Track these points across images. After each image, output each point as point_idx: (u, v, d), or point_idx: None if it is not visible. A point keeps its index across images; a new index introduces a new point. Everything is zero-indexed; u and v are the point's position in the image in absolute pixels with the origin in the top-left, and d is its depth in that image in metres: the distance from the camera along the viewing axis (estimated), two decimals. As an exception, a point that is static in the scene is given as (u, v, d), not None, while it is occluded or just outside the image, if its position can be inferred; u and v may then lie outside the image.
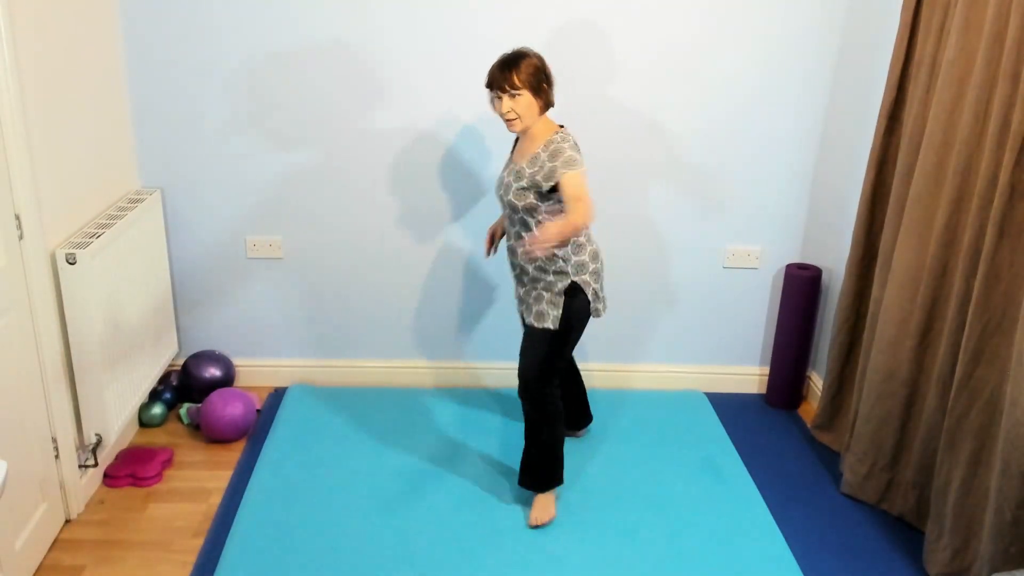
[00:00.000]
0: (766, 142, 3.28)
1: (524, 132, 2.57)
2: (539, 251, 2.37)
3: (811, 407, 3.52)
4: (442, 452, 3.10)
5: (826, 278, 3.42)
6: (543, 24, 3.09)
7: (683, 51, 3.15)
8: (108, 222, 2.83)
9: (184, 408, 3.27)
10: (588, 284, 2.64)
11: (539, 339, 2.66)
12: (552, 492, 2.80)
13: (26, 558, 2.43)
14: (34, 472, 2.49)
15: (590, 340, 3.54)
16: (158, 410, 3.23)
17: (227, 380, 3.39)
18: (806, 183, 3.35)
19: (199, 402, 3.29)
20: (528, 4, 3.07)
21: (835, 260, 3.35)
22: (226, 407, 3.10)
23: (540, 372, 2.67)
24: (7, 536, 2.32)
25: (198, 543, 2.63)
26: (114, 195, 3.04)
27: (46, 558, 2.54)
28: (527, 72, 2.45)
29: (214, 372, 3.35)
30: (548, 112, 2.58)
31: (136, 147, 3.20)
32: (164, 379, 3.38)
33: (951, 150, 2.52)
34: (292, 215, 3.33)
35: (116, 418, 2.85)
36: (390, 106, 3.18)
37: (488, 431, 3.24)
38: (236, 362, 3.51)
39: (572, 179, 2.46)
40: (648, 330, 3.55)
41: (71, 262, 2.58)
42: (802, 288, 3.33)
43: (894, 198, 2.78)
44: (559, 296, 2.62)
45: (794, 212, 3.39)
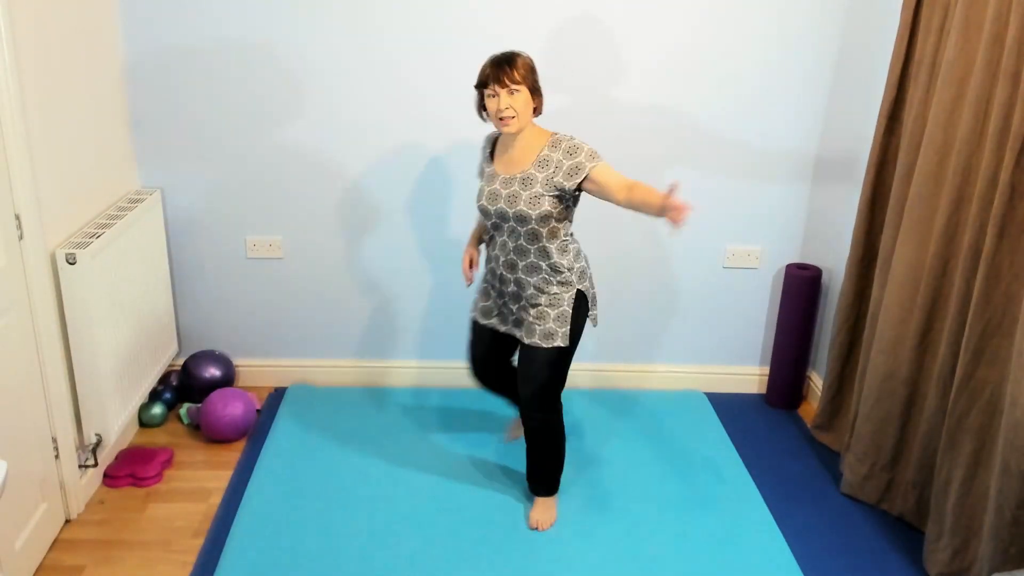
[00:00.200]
0: (766, 142, 3.28)
1: (515, 136, 2.46)
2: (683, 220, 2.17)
3: (811, 407, 3.52)
4: (442, 452, 3.10)
5: (826, 278, 3.42)
6: (543, 24, 3.09)
7: (683, 51, 3.15)
8: (108, 222, 2.83)
9: (184, 408, 3.27)
10: (588, 290, 2.58)
11: (546, 360, 2.54)
12: (556, 495, 2.80)
13: (26, 558, 2.43)
14: (34, 472, 2.49)
15: (590, 340, 3.54)
16: (158, 410, 3.23)
17: (227, 380, 3.39)
18: (806, 183, 3.35)
19: (199, 402, 3.29)
20: (529, 4, 3.07)
21: (835, 260, 3.35)
22: (226, 407, 3.10)
23: (552, 394, 2.60)
24: (7, 536, 2.32)
25: (198, 543, 2.63)
26: (114, 195, 3.04)
27: (46, 558, 2.54)
28: (524, 69, 2.39)
29: (214, 372, 3.35)
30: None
31: (136, 147, 3.20)
32: (164, 379, 3.38)
33: (951, 150, 2.52)
34: (292, 215, 3.33)
35: (116, 418, 2.85)
36: (391, 106, 3.18)
37: (489, 431, 3.24)
38: (236, 362, 3.51)
39: (607, 169, 2.39)
40: (648, 330, 3.55)
41: (71, 262, 2.58)
42: (802, 288, 3.33)
43: (894, 198, 2.78)
44: (568, 309, 2.52)
45: (794, 212, 3.39)
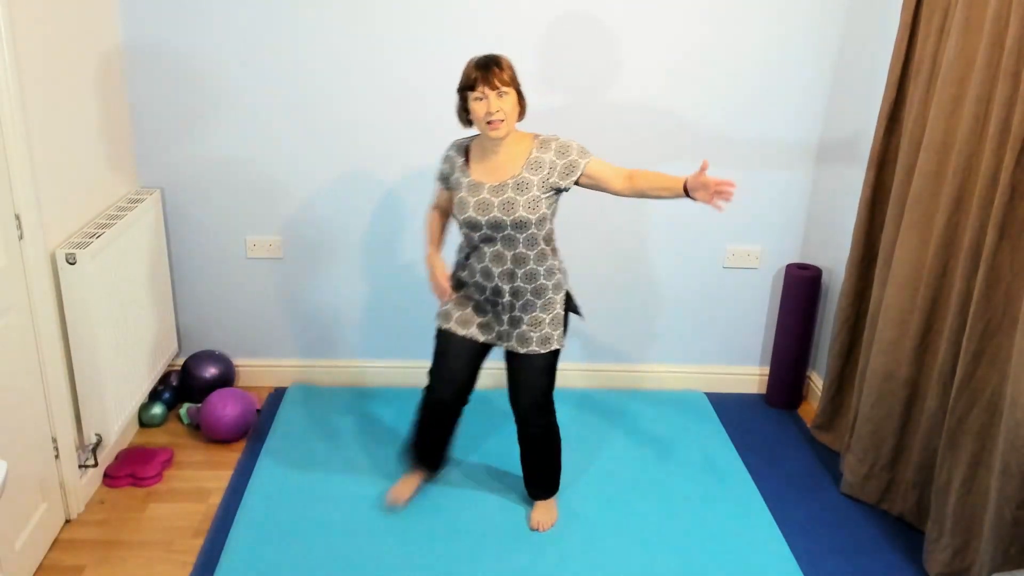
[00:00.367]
0: (766, 142, 3.28)
1: (499, 140, 2.38)
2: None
3: (811, 407, 3.52)
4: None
5: (826, 278, 3.42)
6: (543, 24, 3.09)
7: (683, 51, 3.15)
8: (108, 222, 2.83)
9: (184, 408, 3.27)
10: (570, 288, 2.58)
11: (544, 366, 2.53)
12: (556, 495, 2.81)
13: (26, 558, 2.43)
14: (34, 472, 2.49)
15: (590, 340, 3.54)
16: (158, 410, 3.23)
17: (227, 380, 3.39)
18: (806, 183, 3.35)
19: (199, 402, 3.29)
20: (531, 5, 3.07)
21: (835, 260, 3.35)
22: (226, 407, 3.10)
23: (551, 397, 2.60)
24: (7, 536, 2.32)
25: (198, 543, 2.63)
26: (114, 195, 3.04)
27: (46, 558, 2.54)
28: (510, 70, 2.35)
29: (214, 372, 3.35)
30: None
31: (136, 147, 3.20)
32: (164, 379, 3.38)
33: (951, 150, 2.52)
34: (292, 215, 3.33)
35: (116, 418, 2.84)
36: (391, 106, 3.18)
37: (488, 431, 3.24)
38: (236, 362, 3.51)
39: (600, 162, 2.40)
40: (648, 330, 3.55)
41: (71, 262, 2.58)
42: (802, 288, 3.33)
43: (894, 198, 2.78)
44: (561, 312, 2.52)
45: (794, 212, 3.39)
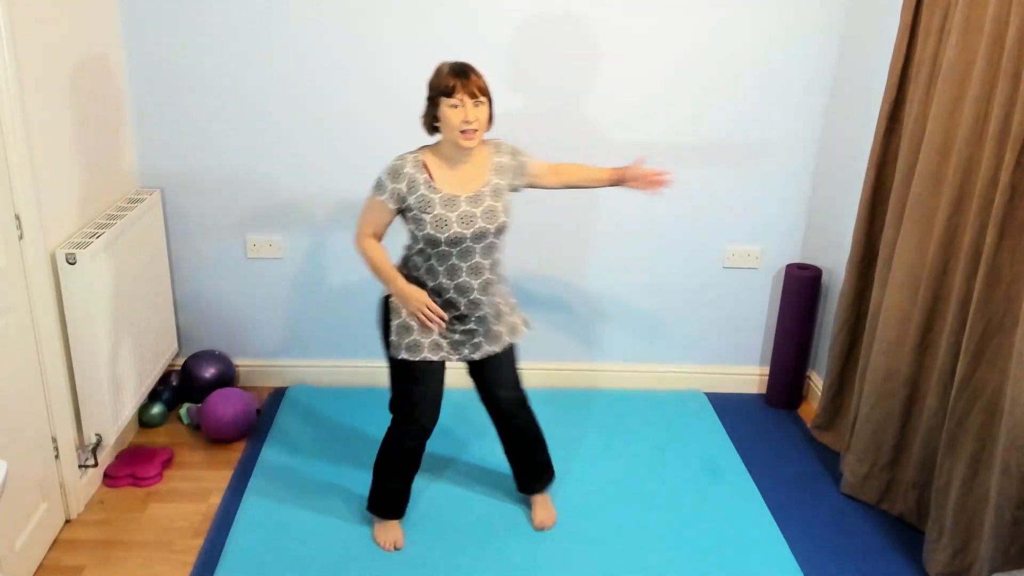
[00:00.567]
0: (766, 142, 3.28)
1: (467, 151, 2.31)
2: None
3: (811, 407, 3.52)
4: (441, 452, 3.10)
5: (826, 278, 3.42)
6: (542, 23, 3.09)
7: (683, 51, 3.15)
8: (108, 222, 2.83)
9: (184, 408, 3.27)
10: None
11: (515, 354, 2.60)
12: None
13: (26, 558, 2.43)
14: (34, 472, 2.49)
15: (590, 340, 3.54)
16: (158, 410, 3.23)
17: (227, 380, 3.39)
18: (806, 183, 3.35)
19: (199, 402, 3.29)
20: (533, 4, 3.07)
21: (835, 260, 3.34)
22: (226, 407, 3.09)
23: (522, 385, 2.65)
24: (7, 536, 2.32)
25: (198, 543, 2.63)
26: (114, 195, 3.04)
27: (46, 558, 2.54)
28: (484, 80, 2.27)
29: (214, 372, 3.35)
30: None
31: (136, 147, 3.20)
32: (164, 379, 3.38)
33: (951, 150, 2.52)
34: (292, 215, 3.32)
35: (116, 418, 2.84)
36: (391, 106, 3.18)
37: (488, 431, 3.24)
38: (236, 362, 3.50)
39: (535, 159, 2.50)
40: (648, 330, 3.54)
41: (71, 262, 2.58)
42: (802, 288, 3.33)
43: (894, 198, 2.78)
44: (512, 299, 2.60)
45: (794, 212, 3.39)
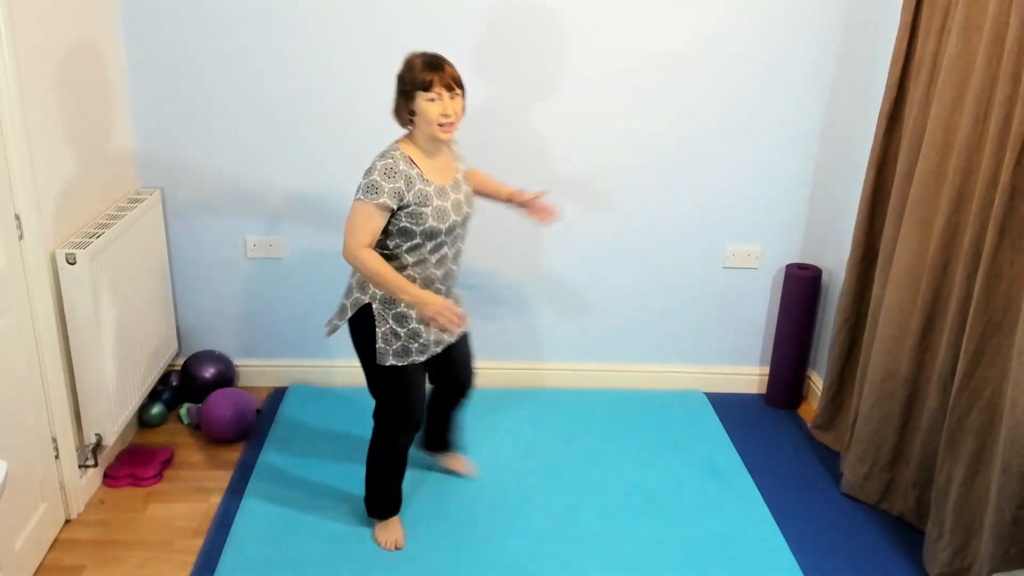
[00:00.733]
0: (766, 142, 3.28)
1: (441, 143, 2.33)
2: None
3: (811, 407, 3.52)
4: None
5: (826, 278, 3.42)
6: (539, 21, 3.09)
7: (683, 51, 3.15)
8: (108, 222, 2.83)
9: (184, 408, 3.27)
10: None
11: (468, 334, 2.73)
12: None
13: (26, 558, 2.43)
14: (34, 472, 2.49)
15: (590, 340, 3.54)
16: (158, 410, 3.23)
17: (227, 380, 3.39)
18: (806, 183, 3.35)
19: (199, 402, 3.29)
20: (540, 3, 3.07)
21: (835, 260, 3.35)
22: (226, 407, 3.09)
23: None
24: (7, 536, 2.32)
25: (198, 543, 2.63)
26: (114, 195, 3.04)
27: (46, 558, 2.54)
28: (457, 70, 2.27)
29: (214, 372, 3.35)
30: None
31: (136, 147, 3.20)
32: (164, 379, 3.38)
33: (951, 150, 2.52)
34: (292, 215, 3.32)
35: (116, 418, 2.84)
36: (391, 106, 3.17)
37: (488, 431, 3.24)
38: (236, 362, 3.50)
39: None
40: (648, 330, 3.54)
41: (71, 262, 2.58)
42: (802, 288, 3.33)
43: (894, 198, 2.78)
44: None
45: (794, 212, 3.39)
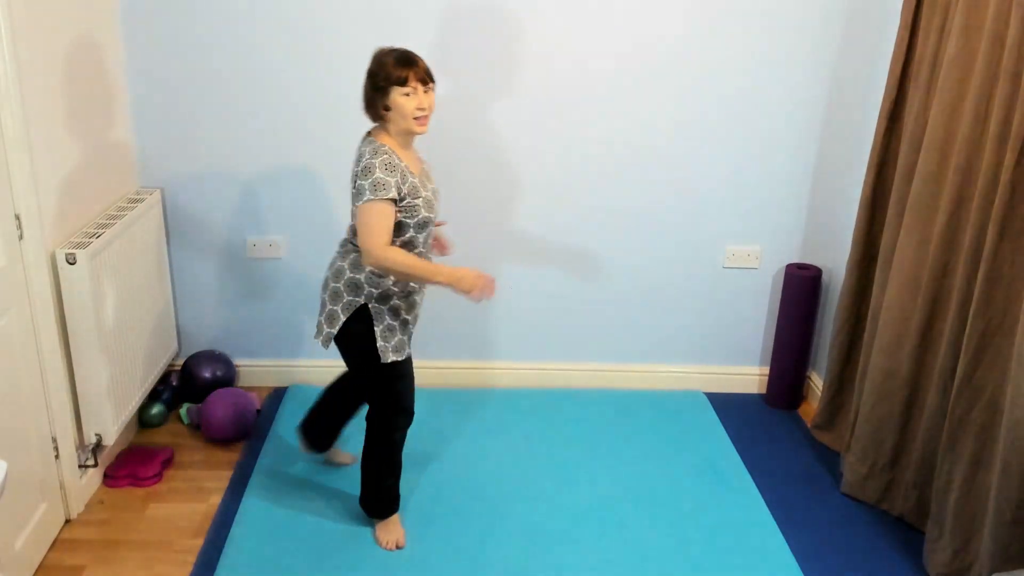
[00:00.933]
0: (766, 142, 3.28)
1: (413, 136, 2.39)
2: None
3: (811, 407, 3.52)
4: (441, 452, 3.10)
5: (826, 278, 3.42)
6: (539, 19, 3.10)
7: (682, 50, 3.15)
8: (108, 222, 2.83)
9: (184, 408, 3.27)
10: None
11: None
12: None
13: (26, 558, 2.43)
14: (34, 472, 2.49)
15: (590, 340, 3.54)
16: (158, 410, 3.23)
17: (227, 380, 3.39)
18: (806, 183, 3.35)
19: (199, 402, 3.29)
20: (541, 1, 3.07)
21: (835, 260, 3.35)
22: (226, 407, 3.09)
23: None
24: (7, 536, 2.32)
25: (198, 543, 2.63)
26: (114, 195, 3.04)
27: (46, 558, 2.54)
28: (427, 64, 2.31)
29: (214, 372, 3.35)
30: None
31: (136, 147, 3.20)
32: (164, 379, 3.38)
33: (952, 150, 2.52)
34: (292, 215, 3.32)
35: (116, 418, 2.84)
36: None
37: (489, 431, 3.24)
38: (236, 362, 3.50)
39: None
40: (648, 330, 3.55)
41: (71, 262, 2.58)
42: (802, 288, 3.33)
43: (894, 198, 2.78)
44: None
45: (794, 212, 3.39)
